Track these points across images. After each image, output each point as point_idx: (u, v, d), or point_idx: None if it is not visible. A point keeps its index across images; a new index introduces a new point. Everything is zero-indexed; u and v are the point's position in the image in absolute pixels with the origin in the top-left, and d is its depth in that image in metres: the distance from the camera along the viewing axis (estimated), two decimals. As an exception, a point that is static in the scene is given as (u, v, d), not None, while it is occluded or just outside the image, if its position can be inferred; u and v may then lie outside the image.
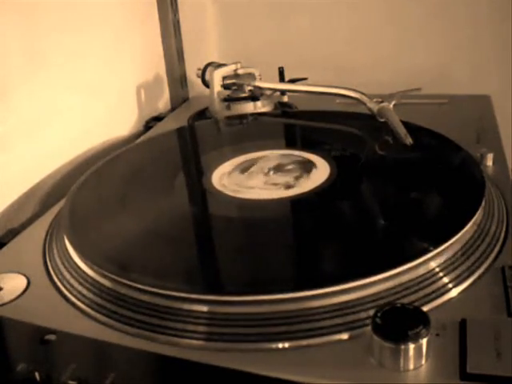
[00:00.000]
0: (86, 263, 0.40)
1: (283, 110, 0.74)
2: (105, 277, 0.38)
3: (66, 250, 0.43)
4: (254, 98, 0.71)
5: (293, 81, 0.73)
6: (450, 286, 0.35)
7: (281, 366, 0.31)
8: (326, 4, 0.85)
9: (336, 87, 0.65)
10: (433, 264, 0.36)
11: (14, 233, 0.50)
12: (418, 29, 0.82)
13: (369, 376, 0.29)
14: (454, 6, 0.79)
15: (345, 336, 0.32)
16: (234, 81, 0.72)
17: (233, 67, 0.72)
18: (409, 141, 0.53)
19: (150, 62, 0.82)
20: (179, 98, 0.88)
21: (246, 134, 0.66)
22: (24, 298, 0.38)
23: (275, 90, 0.73)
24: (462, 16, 0.79)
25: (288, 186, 0.48)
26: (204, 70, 0.74)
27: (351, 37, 0.85)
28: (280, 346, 0.32)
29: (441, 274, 0.36)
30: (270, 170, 0.52)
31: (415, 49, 0.83)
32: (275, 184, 0.49)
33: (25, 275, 0.41)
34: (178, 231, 0.44)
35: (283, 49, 0.87)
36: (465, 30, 0.80)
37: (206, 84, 0.74)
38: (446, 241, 0.37)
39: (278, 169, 0.52)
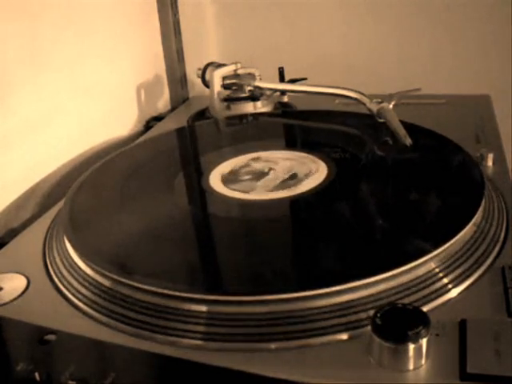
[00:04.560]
0: (85, 263, 0.40)
1: (283, 109, 0.74)
2: (105, 277, 0.38)
3: (66, 249, 0.43)
4: (254, 98, 0.71)
5: (293, 81, 0.73)
6: (450, 286, 0.35)
7: (281, 366, 0.31)
8: (325, 4, 0.85)
9: (336, 87, 0.65)
10: (433, 264, 0.36)
11: (14, 233, 0.50)
12: (417, 29, 0.82)
13: (369, 376, 0.29)
14: (455, 7, 0.79)
15: (345, 336, 0.32)
16: (234, 81, 0.72)
17: (233, 67, 0.72)
18: (408, 141, 0.53)
19: (150, 62, 0.82)
20: (179, 98, 0.88)
21: (246, 134, 0.66)
22: (24, 298, 0.38)
23: (275, 90, 0.73)
24: (463, 16, 0.79)
25: (288, 186, 0.48)
26: (204, 70, 0.74)
27: (351, 37, 0.86)
28: (280, 346, 0.32)
29: (441, 275, 0.36)
30: (269, 169, 0.52)
31: (415, 49, 0.83)
32: (275, 184, 0.49)
33: (25, 275, 0.41)
34: (177, 231, 0.44)
35: (283, 49, 0.87)
36: (465, 30, 0.80)
37: (206, 84, 0.74)
38: (445, 241, 0.37)
39: (278, 169, 0.52)
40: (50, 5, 0.60)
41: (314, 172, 0.51)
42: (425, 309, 0.32)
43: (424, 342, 0.29)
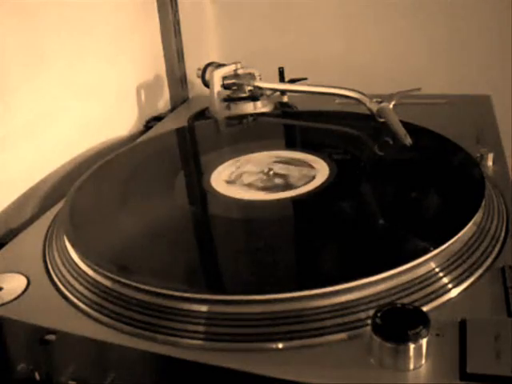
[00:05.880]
0: (85, 263, 0.40)
1: (283, 109, 0.74)
2: (105, 277, 0.38)
3: (66, 249, 0.43)
4: (254, 98, 0.71)
5: (293, 81, 0.73)
6: (450, 286, 0.35)
7: (281, 366, 0.31)
8: (325, 4, 0.85)
9: (336, 87, 0.65)
10: (433, 264, 0.36)
11: (14, 233, 0.50)
12: (417, 29, 0.82)
13: (369, 376, 0.29)
14: (455, 6, 0.79)
15: (345, 336, 0.32)
16: (234, 81, 0.72)
17: (233, 67, 0.72)
18: (408, 141, 0.53)
19: (150, 62, 0.82)
20: (179, 98, 0.88)
21: (246, 134, 0.66)
22: (24, 298, 0.38)
23: (275, 90, 0.73)
24: (463, 16, 0.79)
25: (288, 187, 0.48)
26: (204, 70, 0.74)
27: (351, 37, 0.86)
28: (280, 345, 0.32)
29: (441, 274, 0.36)
30: (269, 170, 0.52)
31: (415, 49, 0.83)
32: (275, 184, 0.49)
33: (25, 275, 0.41)
34: (177, 231, 0.44)
35: (283, 49, 0.87)
36: (465, 30, 0.80)
37: (206, 84, 0.74)
38: (446, 241, 0.37)
39: (278, 169, 0.52)
40: (50, 4, 0.60)
41: (314, 172, 0.51)
42: (425, 309, 0.32)
43: (424, 341, 0.29)
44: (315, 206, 0.46)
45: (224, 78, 0.72)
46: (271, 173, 0.51)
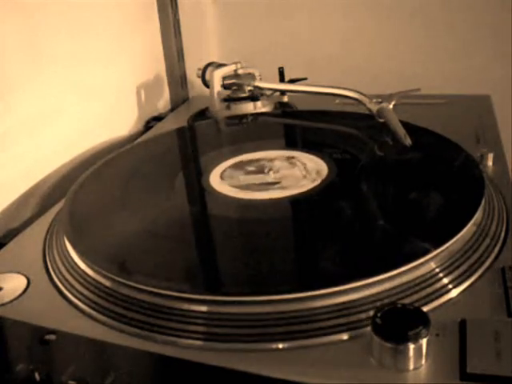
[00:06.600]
0: (85, 263, 0.40)
1: (283, 110, 0.74)
2: (105, 277, 0.38)
3: (66, 249, 0.43)
4: (253, 98, 0.71)
5: (293, 81, 0.73)
6: (450, 286, 0.35)
7: (281, 366, 0.31)
8: (325, 4, 0.85)
9: (336, 87, 0.65)
10: (433, 264, 0.36)
11: (14, 233, 0.50)
12: (417, 29, 0.82)
13: (369, 376, 0.29)
14: (454, 6, 0.79)
15: (345, 336, 0.32)
16: (233, 81, 0.72)
17: (233, 67, 0.72)
18: (408, 141, 0.53)
19: (150, 62, 0.82)
20: (179, 98, 0.88)
21: (245, 134, 0.66)
22: (24, 298, 0.38)
23: (275, 90, 0.73)
24: (462, 16, 0.79)
25: (287, 186, 0.48)
26: (204, 70, 0.74)
27: (351, 37, 0.85)
28: (280, 346, 0.32)
29: (441, 275, 0.36)
30: (269, 170, 0.52)
31: (415, 49, 0.83)
32: (275, 184, 0.49)
33: (25, 275, 0.41)
34: (177, 231, 0.44)
35: (283, 49, 0.87)
36: (465, 30, 0.80)
37: (206, 84, 0.74)
38: (446, 241, 0.37)
39: (278, 169, 0.52)
40: (50, 4, 0.60)
41: (314, 172, 0.51)
42: (425, 309, 0.32)
43: (424, 342, 0.29)
44: (315, 206, 0.46)
45: (224, 78, 0.72)
46: (271, 172, 0.51)
